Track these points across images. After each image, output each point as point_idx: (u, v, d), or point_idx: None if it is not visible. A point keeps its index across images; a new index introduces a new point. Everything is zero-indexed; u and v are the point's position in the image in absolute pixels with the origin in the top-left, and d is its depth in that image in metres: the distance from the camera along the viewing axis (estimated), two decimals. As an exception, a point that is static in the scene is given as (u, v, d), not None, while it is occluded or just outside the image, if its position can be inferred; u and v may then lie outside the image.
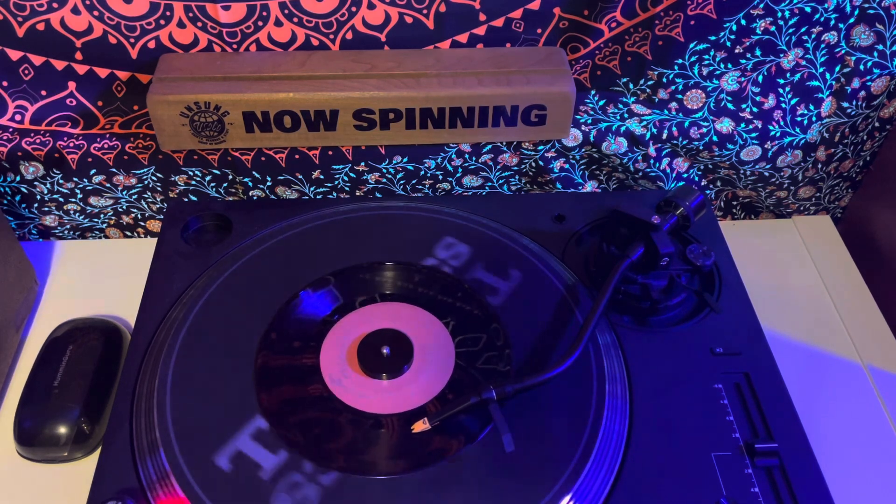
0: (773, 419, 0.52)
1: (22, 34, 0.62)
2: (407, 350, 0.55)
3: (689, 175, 0.75)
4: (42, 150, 0.68)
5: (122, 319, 0.65)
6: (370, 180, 0.73)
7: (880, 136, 0.74)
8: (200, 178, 0.72)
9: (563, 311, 0.57)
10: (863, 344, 0.66)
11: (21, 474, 0.56)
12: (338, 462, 0.49)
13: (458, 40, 0.66)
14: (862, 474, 0.57)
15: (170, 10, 0.62)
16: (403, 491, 0.47)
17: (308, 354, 0.55)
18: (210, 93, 0.62)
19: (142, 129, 0.69)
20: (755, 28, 0.65)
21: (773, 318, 0.66)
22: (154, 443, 0.49)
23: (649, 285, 0.58)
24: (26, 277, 0.67)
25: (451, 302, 0.59)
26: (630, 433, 0.51)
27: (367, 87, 0.63)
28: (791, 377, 0.55)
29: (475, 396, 0.49)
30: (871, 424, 0.60)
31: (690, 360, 0.55)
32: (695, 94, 0.69)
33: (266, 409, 0.51)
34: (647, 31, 0.65)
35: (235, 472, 0.48)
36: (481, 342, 0.56)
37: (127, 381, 0.54)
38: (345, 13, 0.63)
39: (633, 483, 0.49)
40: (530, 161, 0.73)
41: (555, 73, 0.65)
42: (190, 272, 0.61)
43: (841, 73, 0.69)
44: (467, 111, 0.65)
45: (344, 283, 0.60)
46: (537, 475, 0.48)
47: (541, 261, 0.61)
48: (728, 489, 0.48)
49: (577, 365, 0.52)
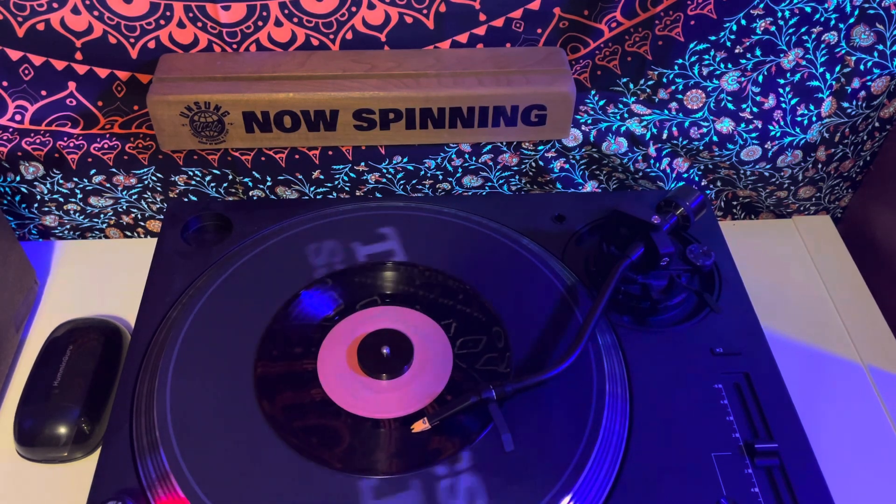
0: (773, 419, 0.52)
1: (22, 34, 0.62)
2: (407, 350, 0.55)
3: (689, 175, 0.75)
4: (42, 150, 0.68)
5: (122, 319, 0.65)
6: (370, 180, 0.73)
7: (880, 136, 0.74)
8: (200, 178, 0.72)
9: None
10: (863, 344, 0.66)
11: (21, 474, 0.56)
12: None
13: (458, 40, 0.66)
14: (862, 474, 0.57)
15: (170, 10, 0.62)
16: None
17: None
18: (210, 93, 0.63)
19: (142, 129, 0.69)
20: (755, 28, 0.65)
21: (773, 318, 0.66)
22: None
23: (649, 285, 0.58)
24: (26, 277, 0.67)
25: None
26: (630, 433, 0.51)
27: (367, 87, 0.63)
28: (791, 377, 0.55)
29: (475, 396, 0.49)
30: (871, 424, 0.60)
31: (690, 360, 0.55)
32: (695, 94, 0.69)
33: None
34: (648, 31, 0.65)
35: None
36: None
37: (127, 381, 0.54)
38: (345, 13, 0.63)
39: (633, 483, 0.49)
40: (530, 161, 0.73)
41: (555, 73, 0.65)
42: (190, 272, 0.61)
43: (841, 73, 0.69)
44: (467, 111, 0.65)
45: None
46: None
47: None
48: (728, 489, 0.48)
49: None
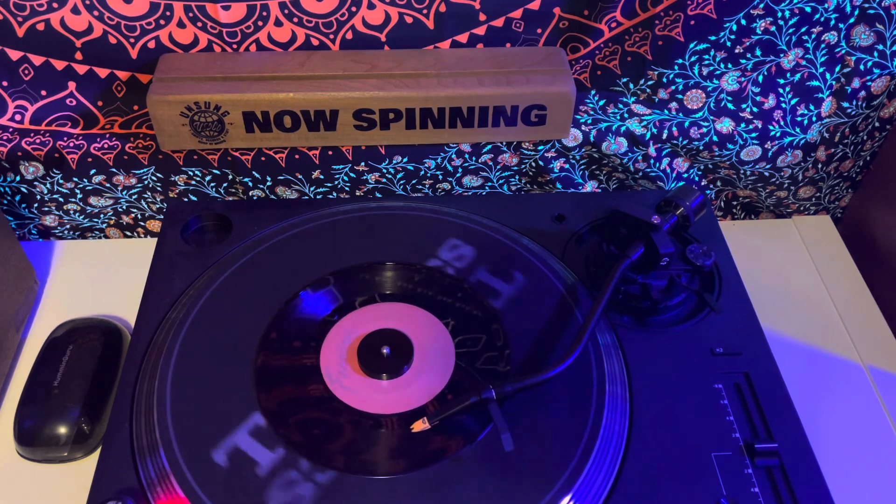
0: (773, 419, 0.52)
1: (22, 34, 0.62)
2: (407, 350, 0.55)
3: (689, 175, 0.75)
4: (42, 150, 0.68)
5: (122, 319, 0.65)
6: (370, 180, 0.73)
7: (880, 136, 0.74)
8: (200, 178, 0.72)
9: (563, 311, 0.57)
10: (863, 344, 0.66)
11: (21, 474, 0.56)
12: (337, 462, 0.49)
13: (458, 40, 0.66)
14: (862, 474, 0.57)
15: (170, 10, 0.62)
16: (403, 491, 0.47)
17: (308, 354, 0.55)
18: (210, 93, 0.62)
19: (142, 129, 0.69)
20: (755, 28, 0.65)
21: (773, 318, 0.66)
22: (154, 443, 0.49)
23: (649, 285, 0.58)
24: (26, 277, 0.67)
25: (450, 302, 0.59)
26: (630, 433, 0.51)
27: (367, 87, 0.63)
28: (791, 377, 0.55)
29: (475, 396, 0.49)
30: (871, 424, 0.60)
31: (690, 360, 0.55)
32: (695, 94, 0.69)
33: (266, 409, 0.51)
34: (647, 31, 0.65)
35: (235, 471, 0.48)
36: (481, 342, 0.56)
37: (127, 381, 0.54)
38: (345, 13, 0.63)
39: (633, 483, 0.49)
40: (530, 161, 0.73)
41: (555, 73, 0.65)
42: (190, 272, 0.61)
43: (841, 73, 0.69)
44: (467, 111, 0.65)
45: (344, 284, 0.60)
46: (537, 475, 0.48)
47: (541, 261, 0.61)
48: (728, 489, 0.48)
49: (577, 365, 0.52)
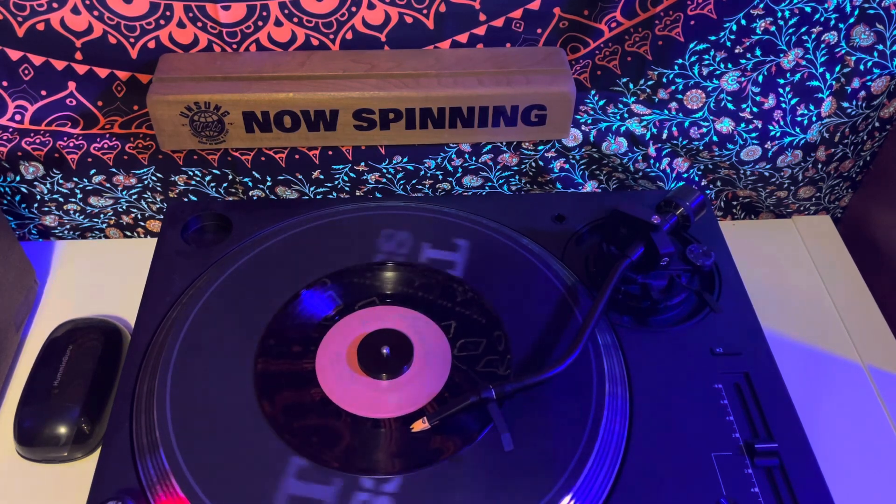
0: (773, 419, 0.52)
1: (22, 34, 0.62)
2: (407, 350, 0.55)
3: (689, 175, 0.75)
4: (42, 150, 0.68)
5: (122, 319, 0.65)
6: (370, 180, 0.73)
7: (880, 136, 0.74)
8: (200, 178, 0.72)
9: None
10: (863, 344, 0.66)
11: (21, 474, 0.56)
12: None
13: (458, 40, 0.66)
14: (862, 474, 0.57)
15: (170, 10, 0.62)
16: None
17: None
18: (210, 93, 0.62)
19: (142, 129, 0.69)
20: (755, 28, 0.65)
21: (773, 318, 0.66)
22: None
23: (649, 285, 0.58)
24: (26, 277, 0.67)
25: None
26: (630, 433, 0.51)
27: (367, 87, 0.63)
28: (791, 377, 0.55)
29: (474, 396, 0.49)
30: (871, 424, 0.60)
31: (690, 360, 0.55)
32: (695, 94, 0.69)
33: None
34: (647, 31, 0.65)
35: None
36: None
37: (127, 381, 0.54)
38: (345, 13, 0.63)
39: (633, 483, 0.49)
40: (530, 161, 0.73)
41: (555, 73, 0.65)
42: (190, 272, 0.61)
43: (841, 73, 0.69)
44: (467, 111, 0.65)
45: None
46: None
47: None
48: (728, 489, 0.48)
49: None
